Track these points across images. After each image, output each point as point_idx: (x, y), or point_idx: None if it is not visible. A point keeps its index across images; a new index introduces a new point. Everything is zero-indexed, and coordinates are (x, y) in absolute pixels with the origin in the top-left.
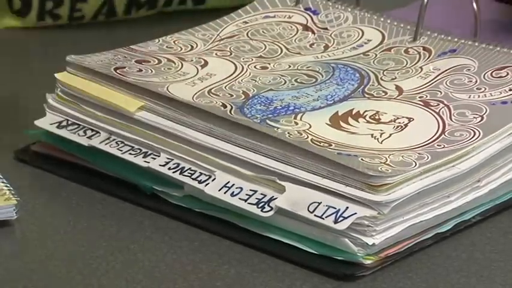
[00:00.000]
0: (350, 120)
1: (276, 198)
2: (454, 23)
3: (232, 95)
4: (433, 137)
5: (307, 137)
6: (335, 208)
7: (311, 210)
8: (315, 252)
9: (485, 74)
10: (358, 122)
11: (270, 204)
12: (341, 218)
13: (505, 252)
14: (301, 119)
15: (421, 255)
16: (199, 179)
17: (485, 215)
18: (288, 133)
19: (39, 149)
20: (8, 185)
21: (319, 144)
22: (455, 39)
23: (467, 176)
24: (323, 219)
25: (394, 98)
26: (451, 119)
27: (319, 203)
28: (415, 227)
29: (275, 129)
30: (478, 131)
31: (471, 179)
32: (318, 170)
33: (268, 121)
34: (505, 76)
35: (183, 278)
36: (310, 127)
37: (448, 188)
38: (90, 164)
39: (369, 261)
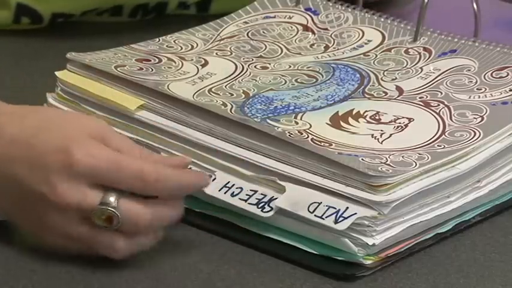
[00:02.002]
0: (350, 120)
1: (276, 198)
2: (454, 23)
3: (232, 94)
4: (433, 137)
5: (308, 136)
6: (335, 208)
7: (311, 211)
8: (315, 252)
9: (485, 75)
10: (358, 122)
11: (270, 205)
12: (341, 218)
13: (505, 252)
14: (301, 119)
15: (421, 256)
16: None
17: (485, 215)
18: (289, 132)
19: None
20: None
21: (319, 144)
22: (455, 40)
23: (467, 176)
24: (323, 219)
25: (395, 99)
26: (451, 120)
27: (320, 203)
28: (415, 227)
29: (275, 128)
30: (479, 132)
31: (471, 179)
32: (318, 170)
33: (268, 120)
34: (505, 76)
35: (183, 278)
36: (310, 127)
37: (448, 188)
38: None
39: (369, 262)
